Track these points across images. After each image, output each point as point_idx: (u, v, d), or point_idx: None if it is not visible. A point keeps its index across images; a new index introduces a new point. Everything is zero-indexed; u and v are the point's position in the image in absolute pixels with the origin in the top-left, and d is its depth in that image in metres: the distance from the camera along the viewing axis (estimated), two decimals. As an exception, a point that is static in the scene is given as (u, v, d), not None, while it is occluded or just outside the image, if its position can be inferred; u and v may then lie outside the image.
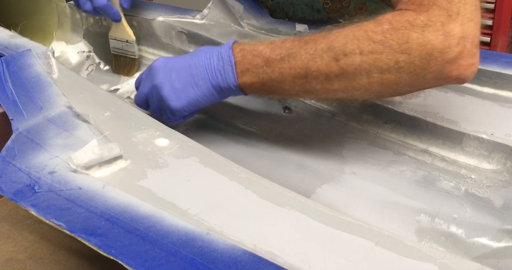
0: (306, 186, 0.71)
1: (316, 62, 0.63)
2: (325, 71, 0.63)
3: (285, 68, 0.65)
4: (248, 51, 0.68)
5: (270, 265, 0.46)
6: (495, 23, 1.96)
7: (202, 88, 0.70)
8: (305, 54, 0.64)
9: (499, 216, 0.65)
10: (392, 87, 0.63)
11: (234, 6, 0.91)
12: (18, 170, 0.55)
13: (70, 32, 1.03)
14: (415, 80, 0.61)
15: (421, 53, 0.59)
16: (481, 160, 0.69)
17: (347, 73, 0.62)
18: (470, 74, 0.61)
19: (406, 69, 0.60)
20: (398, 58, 0.60)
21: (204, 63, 0.70)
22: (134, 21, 0.95)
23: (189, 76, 0.70)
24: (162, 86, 0.71)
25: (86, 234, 0.48)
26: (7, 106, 0.65)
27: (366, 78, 0.62)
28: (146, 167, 0.57)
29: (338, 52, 0.62)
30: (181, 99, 0.70)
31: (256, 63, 0.67)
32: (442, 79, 0.61)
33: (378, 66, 0.61)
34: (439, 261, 0.47)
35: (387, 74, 0.61)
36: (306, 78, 0.65)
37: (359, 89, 0.63)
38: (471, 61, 0.60)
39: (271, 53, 0.66)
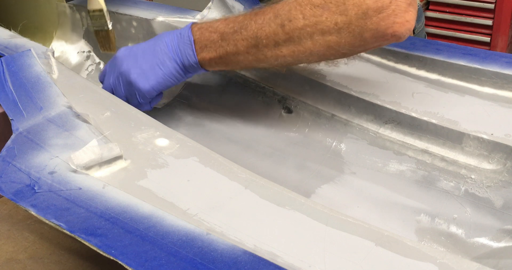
0: (306, 186, 0.71)
1: (265, 31, 0.68)
2: (273, 38, 0.68)
3: (238, 39, 0.70)
4: (205, 28, 0.73)
5: (270, 265, 0.46)
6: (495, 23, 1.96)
7: (169, 66, 0.74)
8: (255, 24, 0.69)
9: (499, 216, 0.65)
10: (335, 48, 0.67)
11: (234, 6, 0.91)
12: (18, 170, 0.55)
13: (70, 32, 1.03)
14: (355, 40, 0.65)
15: (357, 13, 0.64)
16: (481, 160, 0.69)
17: (292, 38, 0.67)
18: (405, 31, 0.64)
19: (345, 29, 0.65)
20: (337, 20, 0.64)
21: (167, 43, 0.74)
22: (134, 21, 0.95)
23: (154, 57, 0.74)
24: (129, 71, 0.74)
25: (86, 234, 0.48)
26: (7, 106, 0.65)
27: (310, 41, 0.67)
28: (146, 167, 0.57)
29: (284, 19, 0.67)
30: (150, 79, 0.74)
31: (212, 39, 0.72)
32: (379, 37, 0.65)
33: (320, 29, 0.65)
34: (439, 261, 0.47)
35: (329, 36, 0.66)
36: (257, 46, 0.69)
37: (305, 52, 0.68)
38: (405, 18, 0.63)
39: (225, 27, 0.71)
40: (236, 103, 0.85)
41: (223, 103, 0.86)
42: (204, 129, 0.82)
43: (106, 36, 0.93)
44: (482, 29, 2.01)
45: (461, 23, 2.04)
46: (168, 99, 0.89)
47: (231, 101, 0.85)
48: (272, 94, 0.83)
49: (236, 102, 0.85)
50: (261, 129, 0.81)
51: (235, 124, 0.83)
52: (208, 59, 0.73)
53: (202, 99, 0.88)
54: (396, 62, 0.81)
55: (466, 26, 2.03)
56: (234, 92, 0.86)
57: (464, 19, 2.02)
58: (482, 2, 1.96)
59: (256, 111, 0.83)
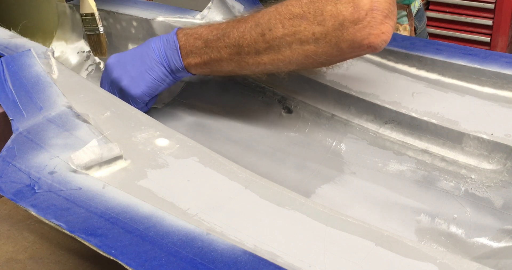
0: (306, 186, 0.71)
1: (246, 39, 0.70)
2: (254, 46, 0.70)
3: (221, 47, 0.72)
4: (190, 35, 0.75)
5: (270, 265, 0.46)
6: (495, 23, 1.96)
7: (157, 71, 0.76)
8: (237, 32, 0.71)
9: (499, 216, 0.65)
10: (312, 57, 0.68)
11: (234, 6, 0.91)
12: (18, 170, 0.55)
13: (70, 32, 1.03)
14: (332, 50, 0.67)
15: (334, 24, 0.65)
16: (481, 160, 0.69)
17: (272, 46, 0.69)
18: (380, 42, 0.65)
19: (322, 39, 0.66)
20: (314, 30, 0.66)
21: (154, 49, 0.77)
22: (134, 21, 0.95)
23: (143, 63, 0.77)
24: (120, 79, 0.77)
25: (86, 234, 0.48)
26: (7, 106, 0.65)
27: (289, 50, 0.68)
28: (146, 167, 0.57)
29: (264, 28, 0.69)
30: (140, 85, 0.77)
31: (197, 45, 0.74)
32: (356, 47, 0.66)
33: (298, 38, 0.67)
34: (439, 261, 0.47)
35: (307, 45, 0.67)
36: (240, 54, 0.71)
37: (284, 60, 0.69)
38: (381, 30, 0.64)
39: (209, 34, 0.73)
40: (236, 103, 0.85)
41: (223, 103, 0.86)
42: (204, 129, 0.82)
43: (97, 40, 0.93)
44: (482, 29, 2.01)
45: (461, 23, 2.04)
46: (168, 99, 0.89)
47: (231, 101, 0.85)
48: (272, 94, 0.83)
49: (236, 102, 0.85)
50: (261, 129, 0.81)
51: (235, 124, 0.83)
52: (194, 64, 0.75)
53: (202, 99, 0.88)
54: (396, 62, 0.81)
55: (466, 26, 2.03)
56: (234, 92, 0.86)
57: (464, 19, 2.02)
58: (482, 2, 1.96)
59: (256, 111, 0.83)
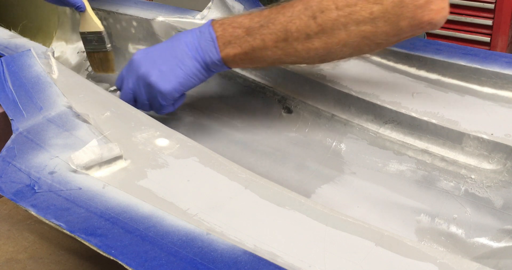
0: (306, 186, 0.71)
1: (295, 23, 0.66)
2: (304, 31, 0.66)
3: (266, 34, 0.68)
4: (227, 24, 0.70)
5: (270, 265, 0.46)
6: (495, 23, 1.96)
7: (189, 66, 0.71)
8: (283, 17, 0.67)
9: (499, 216, 0.65)
10: (370, 38, 0.65)
11: (234, 6, 0.91)
12: (18, 170, 0.55)
13: (70, 32, 1.03)
14: (390, 29, 0.64)
15: (393, 1, 0.63)
16: (481, 160, 0.69)
17: (325, 29, 0.65)
18: (441, 18, 0.64)
19: (381, 18, 0.64)
20: (372, 9, 0.63)
21: (186, 42, 0.72)
22: (134, 21, 0.95)
23: (174, 57, 0.71)
24: (148, 74, 0.72)
25: (86, 234, 0.48)
26: (7, 106, 0.65)
27: (344, 32, 0.65)
28: (146, 167, 0.57)
29: (315, 10, 0.65)
30: (171, 81, 0.71)
31: (237, 34, 0.69)
32: (415, 25, 0.64)
33: (355, 18, 0.64)
34: (439, 261, 0.47)
35: (363, 26, 0.64)
36: (287, 40, 0.67)
37: (338, 43, 0.66)
38: (441, 5, 0.63)
39: (250, 22, 0.69)
40: (236, 103, 0.85)
41: (223, 103, 0.86)
42: (204, 129, 0.82)
43: (104, 58, 0.89)
44: (482, 29, 2.01)
45: (461, 23, 2.04)
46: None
47: (231, 101, 0.85)
48: (272, 94, 0.83)
49: (236, 102, 0.85)
50: (261, 129, 0.81)
51: (235, 124, 0.83)
52: (232, 55, 0.70)
53: (202, 99, 0.88)
54: (396, 62, 0.81)
55: (466, 26, 2.03)
56: (234, 92, 0.86)
57: (464, 19, 2.01)
58: (482, 2, 1.96)
59: (256, 111, 0.83)
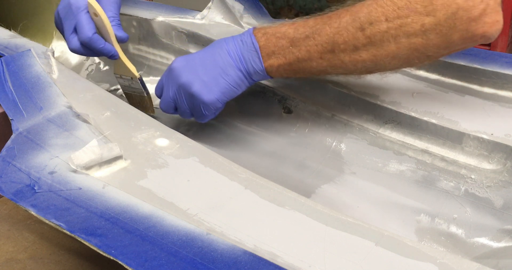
0: (306, 186, 0.71)
1: (342, 35, 0.64)
2: (352, 43, 0.64)
3: (311, 45, 0.66)
4: (271, 34, 0.69)
5: (270, 265, 0.46)
6: (495, 23, 1.96)
7: (232, 76, 0.70)
8: (330, 28, 0.65)
9: (499, 216, 0.65)
10: (420, 50, 0.64)
11: (234, 6, 0.91)
12: (18, 170, 0.55)
13: (70, 32, 1.03)
14: (442, 41, 0.62)
15: (446, 13, 0.61)
16: (481, 160, 0.69)
17: (374, 42, 0.64)
18: (495, 32, 0.62)
19: (432, 31, 0.62)
20: (424, 21, 0.61)
21: (229, 51, 0.70)
22: (134, 21, 0.95)
23: (216, 67, 0.70)
24: (190, 84, 0.70)
25: (86, 234, 0.48)
26: (7, 106, 0.65)
27: (394, 44, 0.63)
28: (146, 167, 0.57)
29: (364, 22, 0.63)
30: (214, 91, 0.70)
31: (281, 45, 0.68)
32: (468, 38, 0.62)
33: (405, 31, 0.62)
34: (439, 261, 0.47)
35: (414, 38, 0.62)
36: (333, 52, 0.66)
37: (387, 56, 0.64)
38: (495, 18, 0.61)
39: (295, 32, 0.67)
40: (236, 103, 0.85)
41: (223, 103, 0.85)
42: (204, 129, 0.82)
43: (142, 100, 0.84)
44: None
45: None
46: None
47: (231, 101, 0.85)
48: (272, 94, 0.83)
49: (236, 102, 0.85)
50: (261, 129, 0.81)
51: (235, 124, 0.83)
52: (276, 66, 0.69)
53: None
54: (396, 62, 0.81)
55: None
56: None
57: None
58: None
59: (256, 111, 0.83)
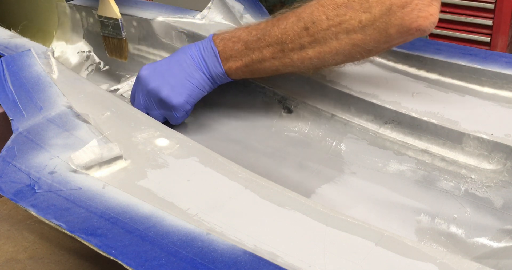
0: (306, 186, 0.71)
1: (289, 35, 0.69)
2: (298, 41, 0.69)
3: (263, 46, 0.71)
4: (227, 39, 0.74)
5: (270, 265, 0.46)
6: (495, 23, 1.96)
7: (198, 78, 0.75)
8: (278, 29, 0.70)
9: (499, 216, 0.65)
10: (360, 45, 0.67)
11: (234, 6, 0.91)
12: (18, 170, 0.55)
13: (70, 32, 1.03)
14: (380, 36, 0.66)
15: (381, 9, 0.65)
16: (481, 160, 0.69)
17: (318, 39, 0.68)
18: (429, 25, 0.65)
19: (369, 26, 0.66)
20: (361, 17, 0.65)
21: (192, 56, 0.75)
22: (134, 21, 0.95)
23: (182, 71, 0.75)
24: (158, 89, 0.74)
25: (86, 234, 0.48)
26: (7, 106, 0.65)
27: (335, 41, 0.67)
28: (146, 167, 0.57)
29: (307, 21, 0.68)
30: (182, 94, 0.74)
31: (237, 48, 0.73)
32: (404, 31, 0.66)
33: (345, 28, 0.66)
34: (439, 261, 0.47)
35: (354, 34, 0.66)
36: (283, 51, 0.70)
37: (331, 52, 0.68)
38: (429, 12, 0.65)
39: (248, 35, 0.72)
40: (236, 103, 0.85)
41: (223, 103, 0.85)
42: (204, 129, 0.82)
43: (118, 44, 0.93)
44: (482, 29, 2.01)
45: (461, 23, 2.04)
46: None
47: (231, 101, 0.85)
48: (272, 94, 0.83)
49: (236, 102, 0.85)
50: (261, 129, 0.81)
51: (235, 124, 0.83)
52: (235, 69, 0.74)
53: (202, 99, 0.88)
54: (396, 62, 0.81)
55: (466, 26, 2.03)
56: (234, 92, 0.86)
57: (464, 19, 2.01)
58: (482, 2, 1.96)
59: (256, 111, 0.83)
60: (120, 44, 0.92)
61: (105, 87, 0.94)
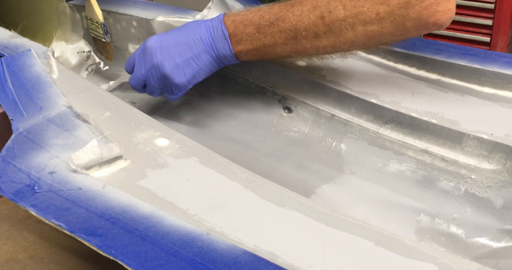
0: (306, 186, 0.71)
1: (304, 22, 0.68)
2: (313, 30, 0.68)
3: (276, 32, 0.70)
4: (239, 22, 0.72)
5: (270, 265, 0.46)
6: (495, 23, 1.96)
7: (204, 60, 0.74)
8: (293, 16, 0.68)
9: (499, 216, 0.65)
10: (376, 37, 0.67)
11: (234, 6, 0.91)
12: (18, 170, 0.55)
13: (70, 32, 1.03)
14: (396, 29, 0.66)
15: (399, 2, 0.64)
16: (481, 160, 0.69)
17: (333, 29, 0.67)
18: (446, 20, 0.65)
19: (387, 19, 0.65)
20: (379, 9, 0.65)
21: (201, 37, 0.73)
22: (134, 21, 0.95)
23: (189, 51, 0.73)
24: (163, 64, 0.74)
25: (86, 234, 0.48)
26: (7, 106, 0.65)
27: (351, 32, 0.67)
28: (146, 167, 0.57)
29: (323, 10, 0.66)
30: (186, 74, 0.74)
31: (248, 32, 0.71)
32: (421, 26, 0.65)
33: (361, 19, 0.65)
34: (439, 261, 0.47)
35: (370, 26, 0.66)
36: (296, 38, 0.69)
37: (346, 43, 0.68)
38: (447, 6, 0.64)
39: (261, 19, 0.71)
40: (236, 103, 0.85)
41: (223, 103, 0.86)
42: (204, 129, 0.82)
43: (103, 46, 0.94)
44: (482, 29, 2.00)
45: (461, 23, 2.03)
46: None
47: (231, 101, 0.85)
48: (272, 94, 0.83)
49: (236, 102, 0.85)
50: (261, 129, 0.81)
51: (235, 124, 0.83)
52: (245, 52, 0.73)
53: (202, 99, 0.88)
54: (396, 62, 0.81)
55: (466, 26, 2.03)
56: (234, 92, 0.86)
57: (464, 19, 2.01)
58: (482, 2, 1.95)
59: (256, 111, 0.83)
60: (105, 46, 0.93)
61: (105, 87, 0.94)
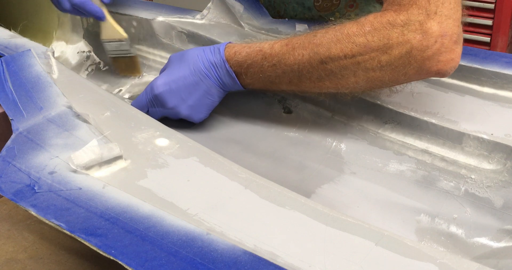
0: (306, 186, 0.71)
1: (306, 67, 0.69)
2: (315, 73, 0.69)
3: (279, 73, 0.71)
4: (242, 61, 0.73)
5: (270, 265, 0.46)
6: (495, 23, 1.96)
7: (215, 93, 0.77)
8: (294, 59, 0.69)
9: (499, 216, 0.65)
10: (377, 83, 0.68)
11: (234, 6, 0.91)
12: (18, 170, 0.55)
13: (70, 32, 1.03)
14: (397, 76, 0.66)
15: (401, 52, 0.64)
16: (481, 160, 0.69)
17: (335, 74, 0.68)
18: (449, 69, 0.65)
19: (388, 67, 0.65)
20: (380, 58, 0.65)
21: (207, 75, 0.75)
22: (134, 21, 0.95)
23: (199, 90, 0.76)
24: (178, 110, 0.77)
25: (86, 234, 0.48)
26: (7, 106, 0.65)
27: (353, 77, 0.67)
28: (146, 167, 0.57)
29: (324, 56, 0.67)
30: (202, 111, 0.78)
31: (253, 71, 0.73)
32: (423, 73, 0.65)
33: (363, 67, 0.66)
34: (439, 261, 0.47)
35: (372, 73, 0.66)
36: (300, 79, 0.71)
37: (348, 86, 0.69)
38: (450, 57, 0.64)
39: (263, 60, 0.72)
40: (236, 103, 0.85)
41: (223, 103, 0.85)
42: (204, 129, 0.82)
43: (130, 62, 0.93)
44: (482, 29, 2.01)
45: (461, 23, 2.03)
46: None
47: (231, 101, 0.85)
48: (272, 94, 0.83)
49: (236, 102, 0.85)
50: (261, 129, 0.81)
51: (235, 124, 0.83)
52: (252, 84, 0.75)
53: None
54: (396, 62, 0.81)
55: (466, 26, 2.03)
56: (234, 92, 0.86)
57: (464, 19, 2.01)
58: (482, 2, 1.96)
59: (256, 111, 0.83)
60: (131, 61, 0.92)
61: (105, 87, 0.94)
